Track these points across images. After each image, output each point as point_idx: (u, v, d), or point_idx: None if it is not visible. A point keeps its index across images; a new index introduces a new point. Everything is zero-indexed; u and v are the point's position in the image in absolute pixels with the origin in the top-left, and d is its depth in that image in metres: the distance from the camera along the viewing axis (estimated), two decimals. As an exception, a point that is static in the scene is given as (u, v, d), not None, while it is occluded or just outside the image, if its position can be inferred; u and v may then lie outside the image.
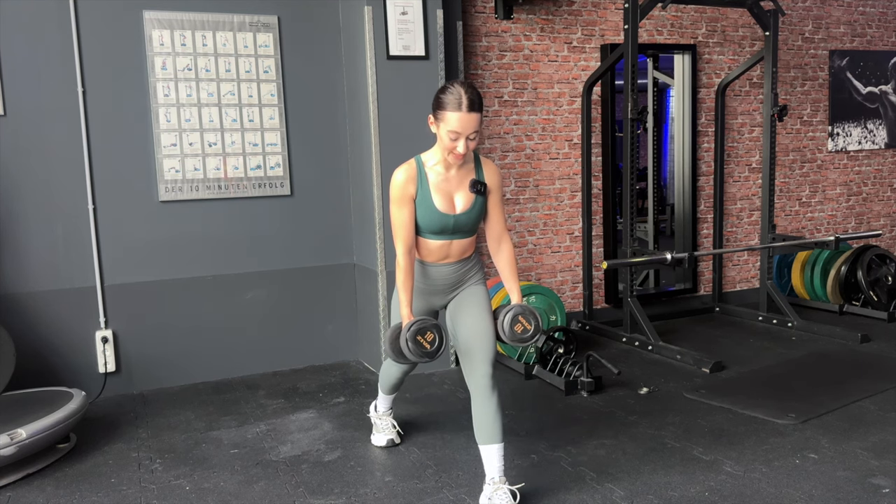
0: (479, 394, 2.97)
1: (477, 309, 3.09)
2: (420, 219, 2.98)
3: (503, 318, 3.02)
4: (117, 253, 4.55)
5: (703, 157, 6.35)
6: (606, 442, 3.64)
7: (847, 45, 6.86)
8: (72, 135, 4.41)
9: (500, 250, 3.14)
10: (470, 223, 3.04)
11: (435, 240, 3.02)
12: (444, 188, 2.98)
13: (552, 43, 5.66)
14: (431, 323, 2.90)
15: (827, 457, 3.39)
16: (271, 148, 4.85)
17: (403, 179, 2.95)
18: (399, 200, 2.95)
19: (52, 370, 4.45)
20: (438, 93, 2.87)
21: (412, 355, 2.88)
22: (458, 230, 3.02)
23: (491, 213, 3.10)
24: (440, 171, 2.98)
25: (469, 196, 3.01)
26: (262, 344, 4.95)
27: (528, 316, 3.03)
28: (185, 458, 3.63)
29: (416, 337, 2.86)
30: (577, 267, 5.92)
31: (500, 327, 3.03)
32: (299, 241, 4.99)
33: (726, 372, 4.70)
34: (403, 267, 2.96)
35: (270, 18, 4.77)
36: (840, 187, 7.02)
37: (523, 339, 3.03)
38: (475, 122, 2.83)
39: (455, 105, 2.79)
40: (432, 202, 2.96)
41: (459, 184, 3.00)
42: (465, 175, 3.01)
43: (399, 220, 2.96)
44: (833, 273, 6.23)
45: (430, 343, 2.88)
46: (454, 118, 2.80)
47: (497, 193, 3.08)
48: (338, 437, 3.84)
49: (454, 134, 2.82)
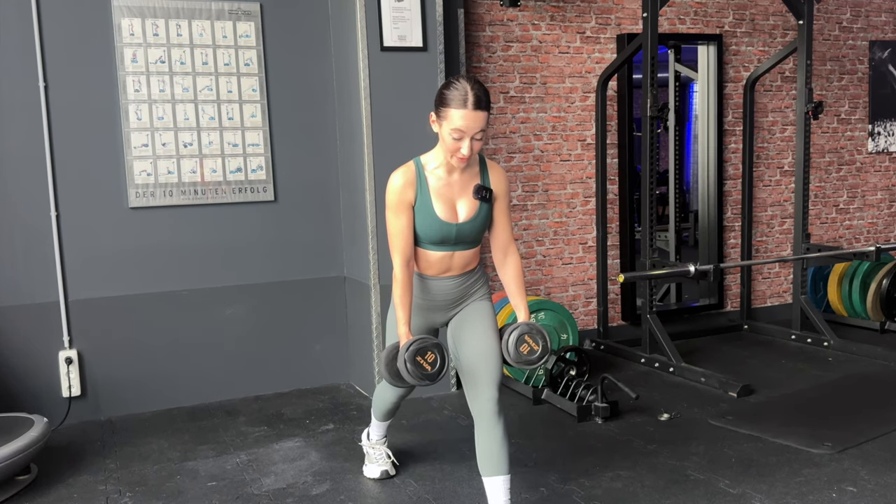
0: (483, 420, 2.97)
1: (481, 327, 3.09)
2: (419, 227, 2.98)
3: (508, 338, 3.02)
4: (83, 265, 4.58)
5: (730, 158, 6.38)
6: (623, 474, 3.66)
7: (889, 34, 6.91)
8: (32, 134, 4.44)
9: (506, 262, 3.15)
10: (474, 233, 3.05)
11: (435, 251, 3.03)
12: (446, 194, 2.99)
13: (563, 33, 5.70)
14: (432, 342, 2.90)
15: (867, 490, 3.41)
16: (253, 149, 4.88)
17: (401, 184, 2.95)
18: (396, 207, 2.96)
19: (10, 394, 4.47)
20: (442, 88, 2.88)
21: (411, 378, 2.87)
22: (460, 240, 3.03)
23: (497, 221, 3.11)
24: (442, 176, 2.99)
25: (473, 203, 3.01)
26: (243, 365, 4.97)
27: (536, 335, 3.03)
28: (157, 492, 3.64)
29: (416, 357, 2.86)
30: (590, 280, 5.94)
31: (505, 347, 3.02)
32: (284, 252, 5.02)
33: (755, 396, 4.72)
34: (401, 281, 2.97)
35: (252, 6, 4.81)
36: (881, 192, 7.05)
37: (529, 360, 3.03)
38: (481, 121, 2.83)
39: (460, 102, 2.80)
40: (433, 209, 2.96)
41: (463, 189, 3.01)
42: (469, 180, 3.02)
43: (396, 228, 2.97)
44: (874, 287, 6.26)
45: (430, 364, 2.88)
46: (458, 116, 2.80)
47: (504, 200, 3.09)
48: (326, 468, 3.86)
49: (458, 133, 2.82)
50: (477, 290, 3.18)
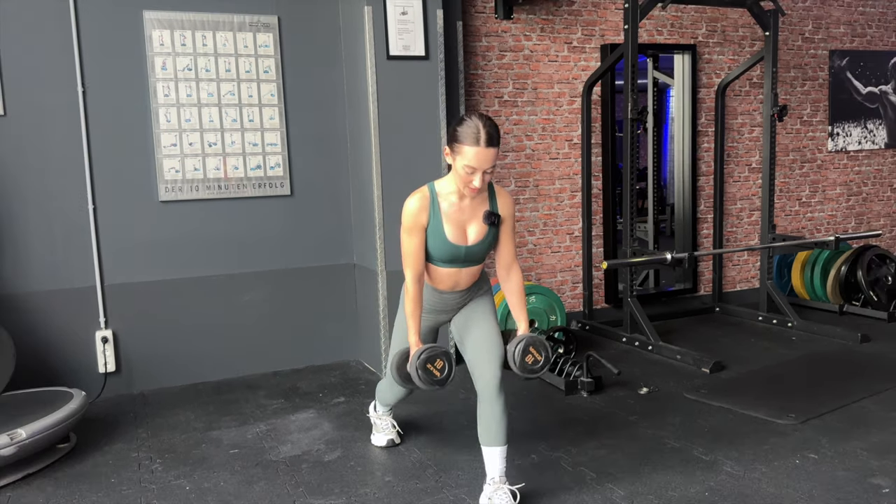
0: (486, 396, 2.98)
1: (484, 321, 3.12)
2: (431, 248, 2.97)
3: (514, 349, 3.01)
4: (117, 253, 4.55)
5: (703, 157, 6.35)
6: (606, 442, 3.64)
7: (847, 45, 6.86)
8: (72, 135, 4.41)
9: (510, 279, 3.13)
10: (481, 253, 3.05)
11: (445, 267, 3.03)
12: (457, 218, 2.96)
13: (552, 43, 5.66)
14: (441, 350, 2.93)
15: (827, 457, 3.39)
16: (271, 148, 4.85)
17: (416, 208, 2.93)
18: (410, 229, 2.94)
19: (52, 370, 4.45)
20: (455, 124, 2.83)
21: (422, 383, 2.92)
22: (468, 260, 3.03)
23: (502, 241, 3.08)
24: (454, 201, 2.96)
25: (482, 227, 3.00)
26: (263, 344, 4.95)
27: (539, 347, 3.03)
28: (185, 458, 3.63)
29: (426, 365, 2.90)
30: (577, 267, 5.92)
31: (511, 357, 3.02)
32: (299, 241, 4.99)
33: (726, 372, 4.70)
34: (412, 295, 2.97)
35: (270, 19, 4.77)
36: (840, 187, 7.02)
37: (534, 370, 3.03)
38: (492, 157, 2.79)
39: (473, 140, 2.75)
40: (444, 233, 2.95)
41: (473, 214, 2.98)
42: (479, 205, 2.99)
43: (409, 248, 2.96)
44: (833, 273, 6.23)
45: (439, 371, 2.92)
46: (471, 153, 2.76)
47: (509, 223, 3.07)
48: (338, 437, 3.84)
49: (470, 168, 2.79)
50: (479, 290, 3.19)
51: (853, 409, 3.97)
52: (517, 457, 3.46)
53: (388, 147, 4.62)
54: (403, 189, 4.65)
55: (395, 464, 3.49)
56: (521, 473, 3.29)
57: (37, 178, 4.36)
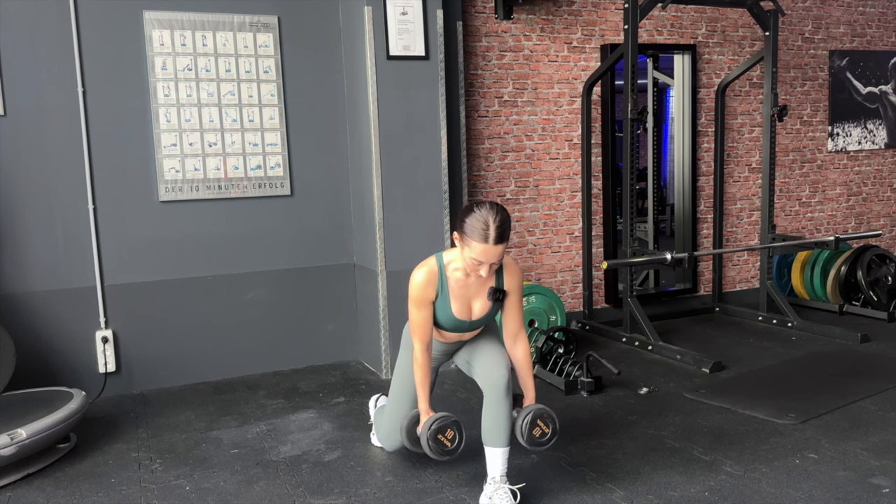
0: (493, 396, 2.98)
1: (490, 343, 3.16)
2: (437, 317, 3.02)
3: (522, 421, 3.00)
4: (117, 253, 4.55)
5: (703, 157, 6.34)
6: (606, 442, 3.64)
7: (847, 45, 6.86)
8: (72, 135, 4.40)
9: (516, 347, 3.14)
10: (485, 322, 3.12)
11: (451, 332, 3.10)
12: (463, 294, 2.99)
13: (552, 43, 5.66)
14: (451, 420, 2.96)
15: (827, 456, 3.39)
16: (271, 148, 4.84)
17: (423, 283, 2.94)
18: (418, 302, 2.96)
19: (52, 370, 4.45)
20: (465, 214, 2.79)
21: (433, 454, 2.95)
22: (473, 328, 3.10)
23: (508, 312, 3.09)
24: (460, 277, 2.97)
25: (487, 303, 3.03)
26: (263, 344, 4.95)
27: (547, 420, 3.02)
28: (185, 458, 3.62)
29: (437, 436, 2.93)
30: (577, 267, 5.91)
31: (518, 430, 3.01)
32: (299, 242, 4.99)
33: (726, 372, 4.70)
34: (421, 363, 3.01)
35: (270, 19, 4.76)
36: (840, 187, 7.02)
37: (541, 443, 3.03)
38: (500, 253, 2.78)
39: (481, 237, 2.73)
40: (450, 308, 2.98)
41: (479, 290, 3.01)
42: (486, 280, 3.00)
43: (417, 320, 2.98)
44: (833, 273, 6.23)
45: (450, 441, 2.95)
46: (479, 248, 2.75)
47: (516, 295, 3.07)
48: (338, 436, 3.84)
49: (477, 262, 2.79)
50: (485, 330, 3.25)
51: (853, 408, 3.97)
52: (517, 456, 3.45)
53: (389, 147, 4.61)
54: (403, 190, 4.68)
55: (395, 463, 3.48)
56: (521, 473, 3.29)
57: (37, 178, 4.36)
